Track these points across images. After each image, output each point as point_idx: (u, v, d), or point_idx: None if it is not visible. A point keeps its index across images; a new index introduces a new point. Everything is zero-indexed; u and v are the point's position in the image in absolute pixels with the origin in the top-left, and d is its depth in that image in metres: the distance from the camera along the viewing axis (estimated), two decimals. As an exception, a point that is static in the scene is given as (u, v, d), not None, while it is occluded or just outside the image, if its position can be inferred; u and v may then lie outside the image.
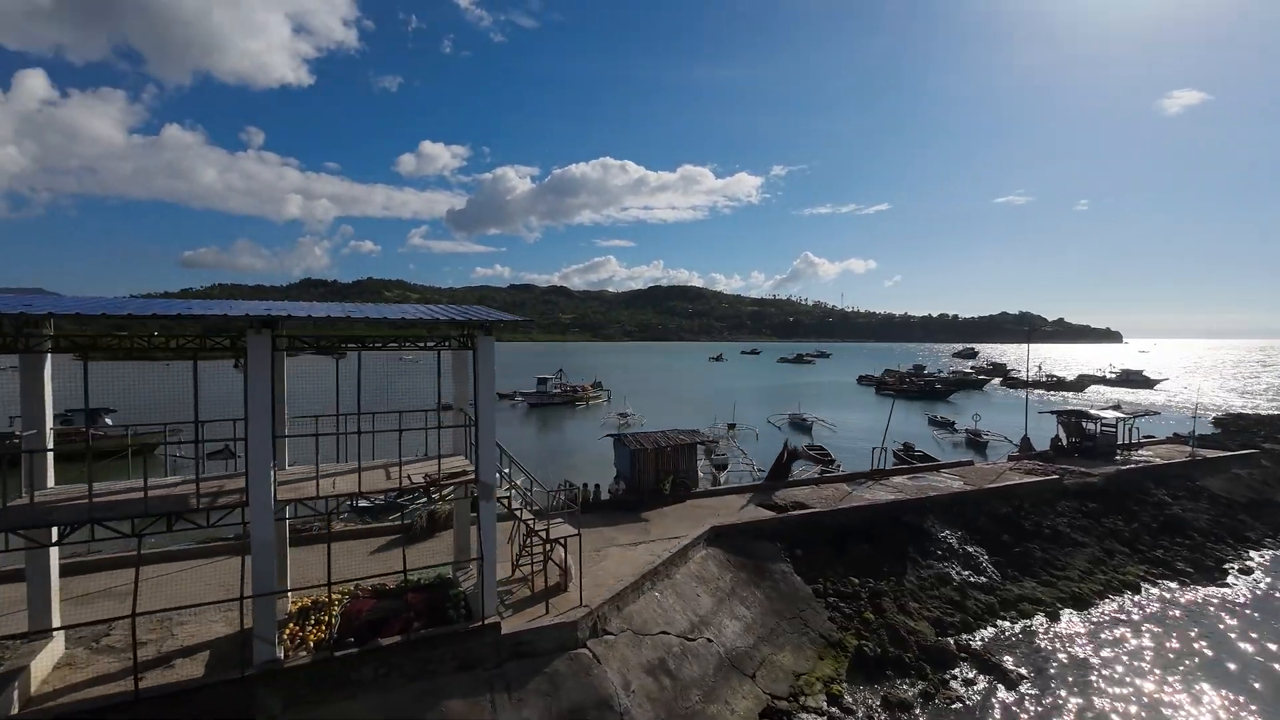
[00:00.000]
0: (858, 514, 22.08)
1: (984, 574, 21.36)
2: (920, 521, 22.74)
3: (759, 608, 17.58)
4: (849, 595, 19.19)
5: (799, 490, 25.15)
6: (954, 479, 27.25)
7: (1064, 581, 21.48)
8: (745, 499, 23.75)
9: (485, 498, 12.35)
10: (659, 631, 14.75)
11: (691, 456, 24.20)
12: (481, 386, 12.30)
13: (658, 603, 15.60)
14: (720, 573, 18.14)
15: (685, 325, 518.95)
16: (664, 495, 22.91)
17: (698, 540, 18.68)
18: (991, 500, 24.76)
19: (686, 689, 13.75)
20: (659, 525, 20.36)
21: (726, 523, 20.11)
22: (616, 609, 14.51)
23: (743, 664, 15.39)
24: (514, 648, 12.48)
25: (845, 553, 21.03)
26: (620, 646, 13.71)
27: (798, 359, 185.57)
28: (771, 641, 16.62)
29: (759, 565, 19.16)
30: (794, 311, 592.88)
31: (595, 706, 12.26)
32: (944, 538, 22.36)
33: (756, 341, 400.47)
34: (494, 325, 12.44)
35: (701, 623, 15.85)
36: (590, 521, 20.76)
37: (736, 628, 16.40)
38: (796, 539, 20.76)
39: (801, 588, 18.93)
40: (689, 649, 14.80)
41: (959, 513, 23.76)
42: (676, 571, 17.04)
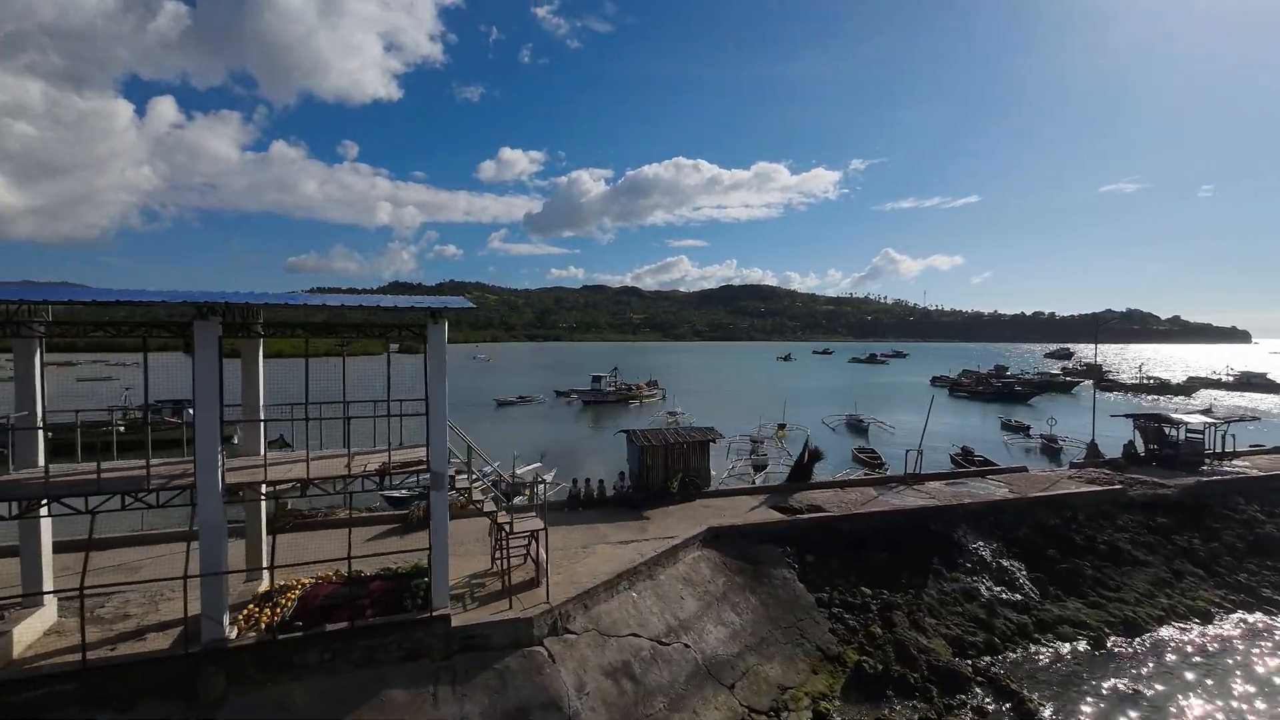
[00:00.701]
0: (877, 520, 20.57)
1: (1019, 591, 19.37)
2: (949, 530, 20.92)
3: (751, 614, 16.64)
4: (857, 607, 17.87)
5: (819, 493, 23.77)
6: (999, 486, 24.97)
7: (1116, 604, 19.16)
8: (759, 500, 22.68)
9: (436, 487, 12.23)
10: (628, 633, 14.17)
11: (703, 455, 23.36)
12: (433, 374, 12.18)
13: (633, 603, 15.02)
14: (713, 576, 17.32)
15: (757, 325, 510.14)
16: (671, 494, 22.22)
17: (691, 541, 17.93)
18: (1037, 510, 22.47)
19: (650, 695, 13.12)
20: (659, 524, 19.72)
21: (726, 524, 19.21)
22: (584, 607, 14.06)
23: (721, 673, 14.57)
24: (465, 641, 12.28)
25: (861, 561, 19.64)
26: (581, 646, 13.25)
27: (870, 359, 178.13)
28: (760, 651, 15.67)
29: (758, 570, 18.17)
30: (872, 310, 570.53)
31: (542, 706, 11.87)
32: (975, 549, 20.47)
33: (831, 341, 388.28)
34: (441, 312, 12.28)
35: (681, 627, 15.13)
36: (588, 518, 20.44)
37: (721, 634, 15.57)
38: (808, 544, 19.57)
39: (803, 596, 17.79)
40: (661, 653, 14.14)
41: (996, 522, 21.70)
42: (661, 572, 16.38)
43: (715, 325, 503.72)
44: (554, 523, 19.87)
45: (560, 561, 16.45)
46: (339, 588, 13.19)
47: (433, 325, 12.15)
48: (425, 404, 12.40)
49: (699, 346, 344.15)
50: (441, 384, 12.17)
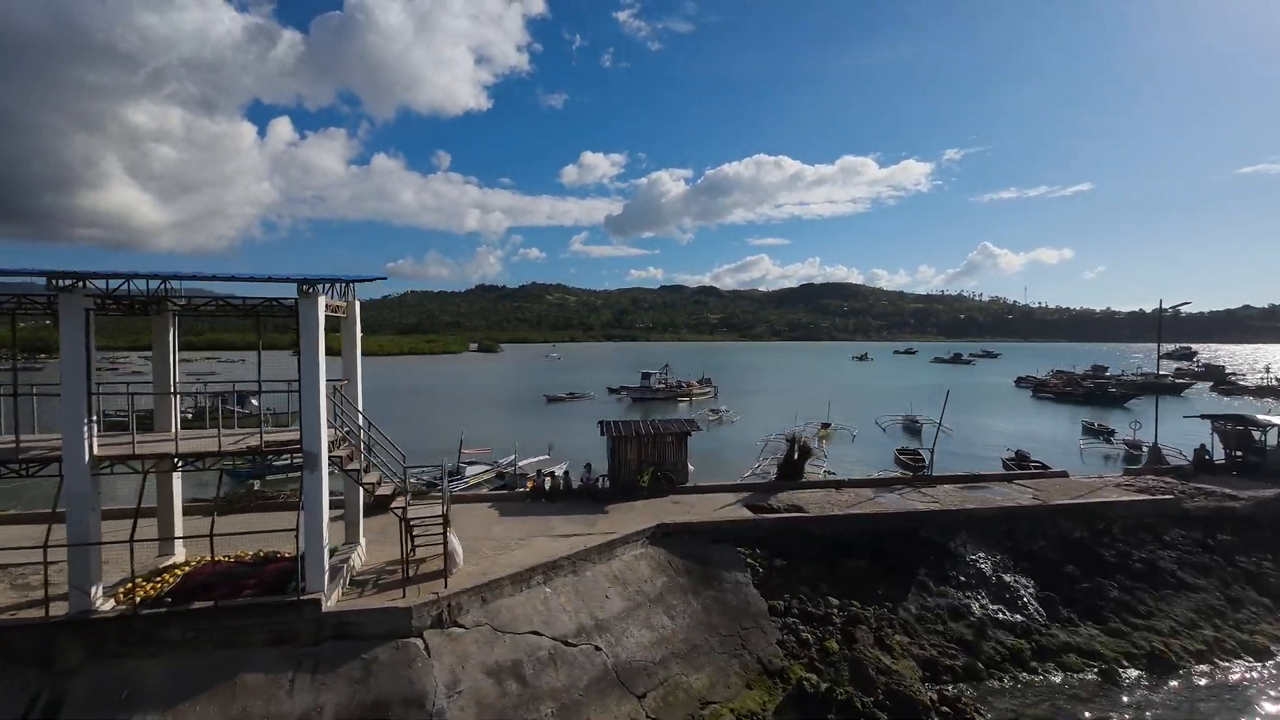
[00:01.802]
0: (857, 523, 18.49)
1: (1021, 611, 16.79)
2: (945, 539, 18.50)
3: (688, 619, 15.26)
4: (817, 618, 16.04)
5: (807, 493, 21.79)
6: (1023, 491, 21.99)
7: (1143, 633, 16.24)
8: (738, 498, 21.04)
9: (309, 468, 11.81)
10: (528, 630, 13.22)
11: (680, 448, 21.98)
12: (305, 352, 11.75)
13: (544, 599, 14.06)
14: (652, 575, 16.05)
15: (838, 325, 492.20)
16: (641, 489, 21.03)
17: (634, 537, 16.72)
18: (1060, 520, 19.50)
19: (537, 699, 12.13)
20: (615, 519, 18.62)
21: (678, 520, 17.83)
22: (481, 600, 13.25)
23: (633, 680, 13.34)
24: (337, 628, 11.78)
25: (836, 568, 17.72)
26: (466, 641, 12.45)
27: (954, 359, 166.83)
28: (688, 660, 14.30)
29: (708, 572, 16.71)
30: (965, 308, 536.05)
31: (403, 702, 11.17)
32: (974, 561, 17.97)
33: (920, 341, 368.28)
34: (311, 287, 11.80)
35: (597, 627, 14.01)
36: (546, 510, 19.65)
37: (644, 639, 14.31)
38: (780, 547, 17.86)
39: (755, 602, 16.17)
40: (562, 654, 13.10)
41: (1007, 532, 19.00)
42: (589, 568, 15.31)
43: (794, 325, 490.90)
44: (510, 514, 19.28)
45: (489, 553, 15.76)
46: (234, 566, 13.11)
47: (304, 301, 11.72)
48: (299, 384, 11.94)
49: (774, 346, 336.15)
50: (314, 362, 11.71)
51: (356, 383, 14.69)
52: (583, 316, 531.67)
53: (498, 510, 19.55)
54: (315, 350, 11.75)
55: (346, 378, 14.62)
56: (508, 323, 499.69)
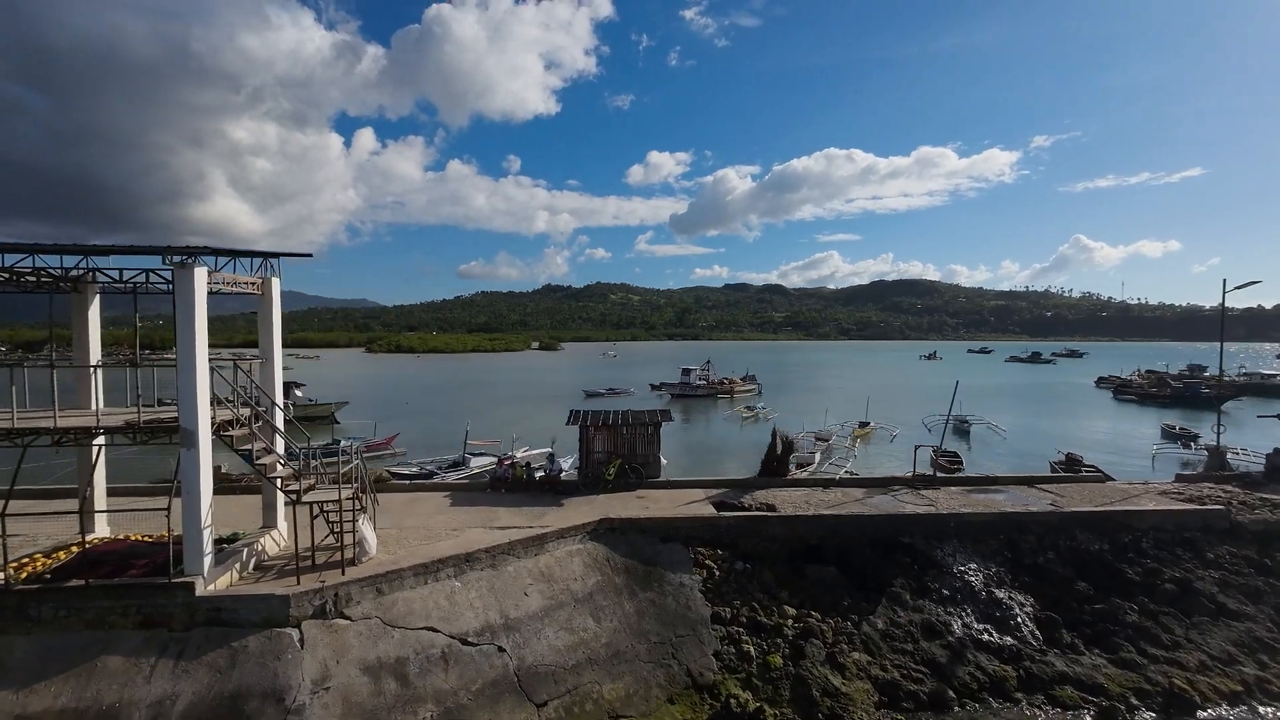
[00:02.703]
0: (824, 525, 16.60)
1: (1012, 632, 14.51)
2: (930, 546, 16.34)
3: (616, 623, 13.98)
4: (767, 629, 14.39)
5: (787, 491, 19.94)
6: (1042, 496, 19.30)
7: (1163, 666, 13.66)
8: (708, 494, 19.47)
9: (186, 445, 11.35)
10: (422, 626, 12.33)
11: (652, 440, 20.60)
12: (182, 326, 11.26)
13: (450, 593, 13.13)
14: (584, 573, 14.85)
15: (911, 323, 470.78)
16: (606, 481, 19.82)
17: (571, 532, 15.56)
18: (1076, 529, 16.87)
19: (417, 702, 11.21)
20: (569, 513, 17.48)
21: (625, 516, 16.51)
22: (376, 591, 12.47)
23: (536, 687, 12.22)
24: (210, 613, 11.28)
25: (801, 574, 15.97)
26: (348, 634, 11.68)
27: (1031, 358, 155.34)
28: (607, 668, 13.03)
29: (650, 572, 15.34)
30: (1053, 305, 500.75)
31: (261, 696, 10.50)
32: (961, 573, 15.74)
33: (1001, 340, 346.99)
34: (187, 256, 11.28)
35: (506, 626, 12.97)
36: (500, 501, 18.79)
37: (560, 641, 13.15)
38: (743, 550, 16.28)
39: (697, 608, 14.68)
40: (458, 654, 12.14)
41: (1008, 541, 16.58)
42: (510, 563, 14.28)
43: (863, 324, 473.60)
44: (462, 504, 18.57)
45: (415, 542, 15.02)
46: (136, 545, 12.90)
47: (180, 272, 11.26)
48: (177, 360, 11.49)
49: (840, 346, 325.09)
50: (191, 336, 11.22)
51: (274, 361, 14.26)
52: (645, 316, 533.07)
53: (451, 500, 18.86)
54: (191, 324, 11.26)
55: (264, 356, 14.24)
56: (572, 322, 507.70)
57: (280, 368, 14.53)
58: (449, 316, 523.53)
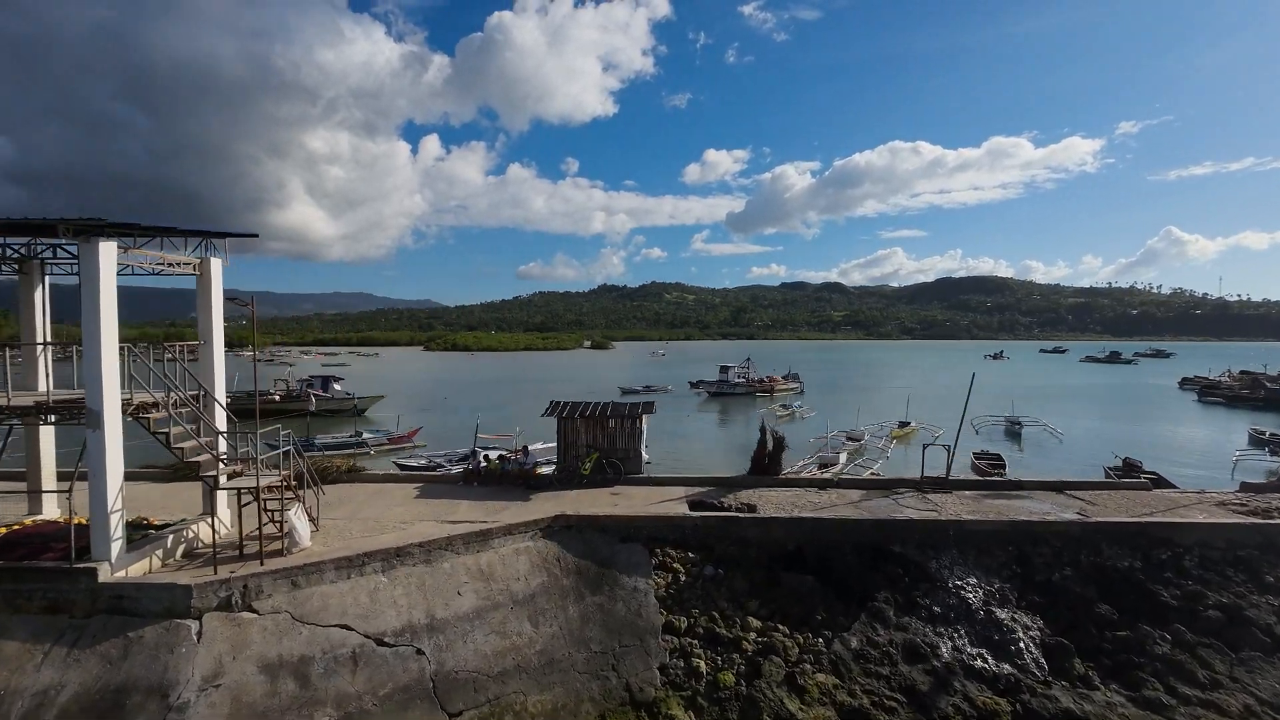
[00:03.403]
0: (804, 529, 14.92)
1: (1012, 659, 12.52)
2: (923, 557, 14.43)
3: (556, 628, 12.86)
4: (726, 642, 12.95)
5: (776, 491, 18.27)
6: (1070, 503, 16.92)
7: (1195, 708, 11.44)
8: (690, 492, 18.05)
9: (92, 426, 10.97)
10: (336, 623, 11.56)
11: (632, 433, 19.34)
12: (87, 303, 10.88)
13: (373, 590, 12.33)
14: (529, 573, 13.79)
15: (980, 322, 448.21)
16: (582, 476, 18.72)
17: (521, 528, 14.52)
18: (1102, 543, 14.56)
19: (315, 705, 10.44)
20: (532, 508, 16.44)
21: (582, 513, 15.33)
22: (292, 584, 11.80)
23: (452, 695, 11.25)
24: (113, 601, 10.86)
25: (776, 583, 14.41)
26: (251, 628, 11.03)
27: (1110, 358, 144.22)
28: (537, 677, 11.94)
29: (603, 574, 14.13)
30: (1140, 301, 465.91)
31: (146, 691, 9.95)
32: (958, 588, 13.79)
33: (1077, 340, 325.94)
34: (89, 228, 10.86)
35: (430, 628, 12.07)
36: (467, 494, 18.02)
37: (489, 646, 12.15)
38: (717, 554, 14.87)
39: (650, 616, 13.37)
40: (370, 655, 11.31)
41: (1019, 554, 14.46)
42: (448, 559, 13.37)
43: (927, 322, 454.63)
44: (428, 496, 17.91)
45: (358, 534, 14.39)
46: (63, 527, 12.70)
47: (84, 246, 10.87)
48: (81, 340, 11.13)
49: (901, 345, 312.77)
50: (95, 315, 10.81)
51: (213, 345, 13.87)
52: (700, 315, 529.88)
53: (418, 491, 18.21)
54: (96, 302, 10.85)
55: (203, 339, 13.87)
56: (627, 321, 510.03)
57: (221, 351, 14.14)
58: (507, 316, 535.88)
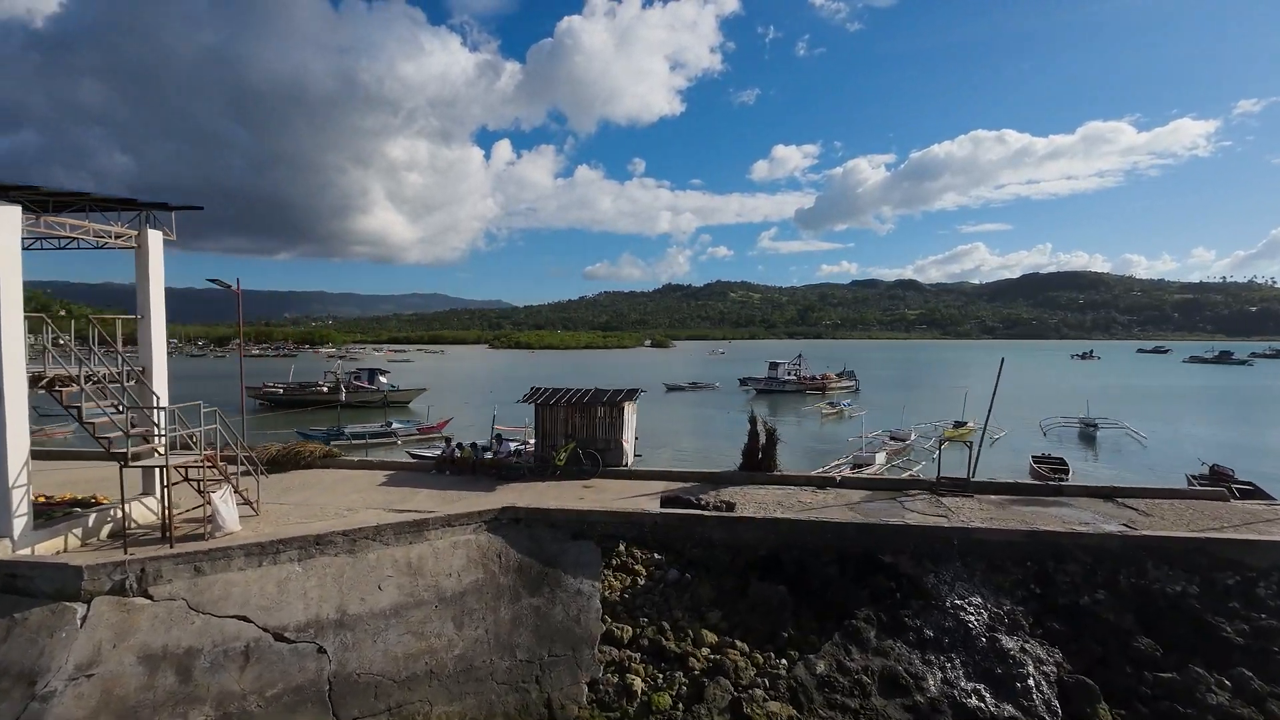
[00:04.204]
0: (778, 532, 12.95)
1: (1016, 698, 10.21)
2: (919, 570, 12.19)
3: (483, 631, 11.56)
4: (672, 658, 11.27)
5: (765, 490, 16.30)
6: (1119, 514, 14.12)
7: (1258, 780, 8.85)
8: (673, 486, 16.36)
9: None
10: (234, 614, 10.69)
11: (613, 423, 17.81)
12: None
13: (283, 579, 11.42)
14: (464, 568, 12.56)
15: (1071, 320, 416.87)
16: (555, 467, 17.38)
17: (462, 519, 13.30)
18: (1147, 562, 11.85)
19: (194, 701, 9.57)
20: (490, 499, 15.33)
21: (532, 505, 13.95)
22: (195, 569, 11.04)
23: (349, 700, 10.16)
24: (6, 580, 10.33)
25: (744, 592, 12.60)
26: (141, 615, 10.31)
27: (1219, 358, 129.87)
28: (450, 686, 10.69)
29: (546, 574, 12.72)
30: (1259, 297, 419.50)
31: (15, 677, 9.34)
32: (957, 608, 11.51)
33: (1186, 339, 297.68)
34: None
35: (339, 624, 11.04)
36: (432, 483, 17.06)
37: (402, 648, 11.00)
38: (686, 557, 13.24)
39: (590, 623, 11.85)
40: (265, 651, 10.38)
41: (1040, 572, 11.96)
42: (374, 550, 12.33)
43: (1010, 321, 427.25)
44: (393, 484, 17.15)
45: (296, 520, 13.69)
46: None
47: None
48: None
49: (980, 345, 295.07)
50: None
51: (151, 318, 13.42)
52: (766, 314, 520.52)
53: (386, 479, 17.40)
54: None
55: (141, 313, 13.46)
56: (690, 320, 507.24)
57: (162, 327, 13.69)
58: (573, 316, 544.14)
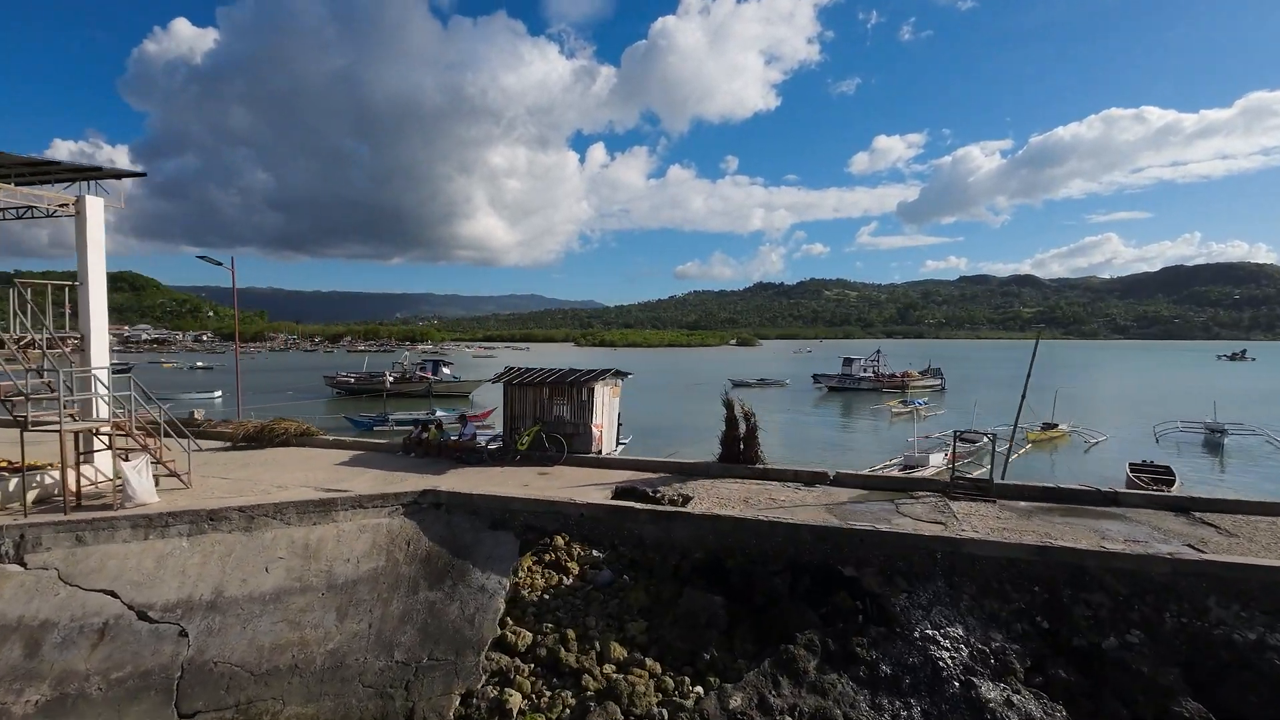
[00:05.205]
0: (719, 533, 10.76)
1: (987, 770, 7.59)
2: (888, 589, 9.62)
3: (365, 626, 10.32)
4: (565, 674, 9.51)
5: (739, 484, 13.99)
6: (1191, 529, 10.71)
7: None
8: (638, 477, 14.47)
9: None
10: (104, 588, 10.07)
11: (581, 405, 16.11)
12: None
13: (165, 554, 10.70)
14: (366, 554, 11.38)
15: (1222, 318, 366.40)
16: (517, 451, 15.96)
17: (376, 500, 12.16)
18: (1209, 596, 8.64)
19: (32, 679, 8.97)
20: (426, 481, 14.16)
21: (455, 490, 12.52)
22: (77, 538, 10.56)
23: (196, 691, 9.22)
24: (-102, 538, 10.36)
25: (677, 601, 10.61)
26: (9, 583, 9.87)
27: None
28: (311, 683, 9.53)
29: (453, 565, 11.29)
30: None
31: None
32: (928, 640, 8.89)
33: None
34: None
35: (211, 606, 10.18)
36: (389, 464, 16.14)
37: (271, 638, 9.95)
38: (620, 554, 11.47)
39: (485, 625, 10.28)
40: (124, 630, 9.66)
41: (1050, 602, 9.06)
42: (273, 528, 11.41)
43: (1146, 319, 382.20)
44: (351, 464, 16.47)
45: (220, 493, 13.14)
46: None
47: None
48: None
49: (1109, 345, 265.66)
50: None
51: (89, 286, 13.30)
52: (862, 312, 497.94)
53: (349, 459, 16.70)
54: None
55: (80, 281, 13.37)
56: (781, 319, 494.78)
57: (102, 294, 13.56)
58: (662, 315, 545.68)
